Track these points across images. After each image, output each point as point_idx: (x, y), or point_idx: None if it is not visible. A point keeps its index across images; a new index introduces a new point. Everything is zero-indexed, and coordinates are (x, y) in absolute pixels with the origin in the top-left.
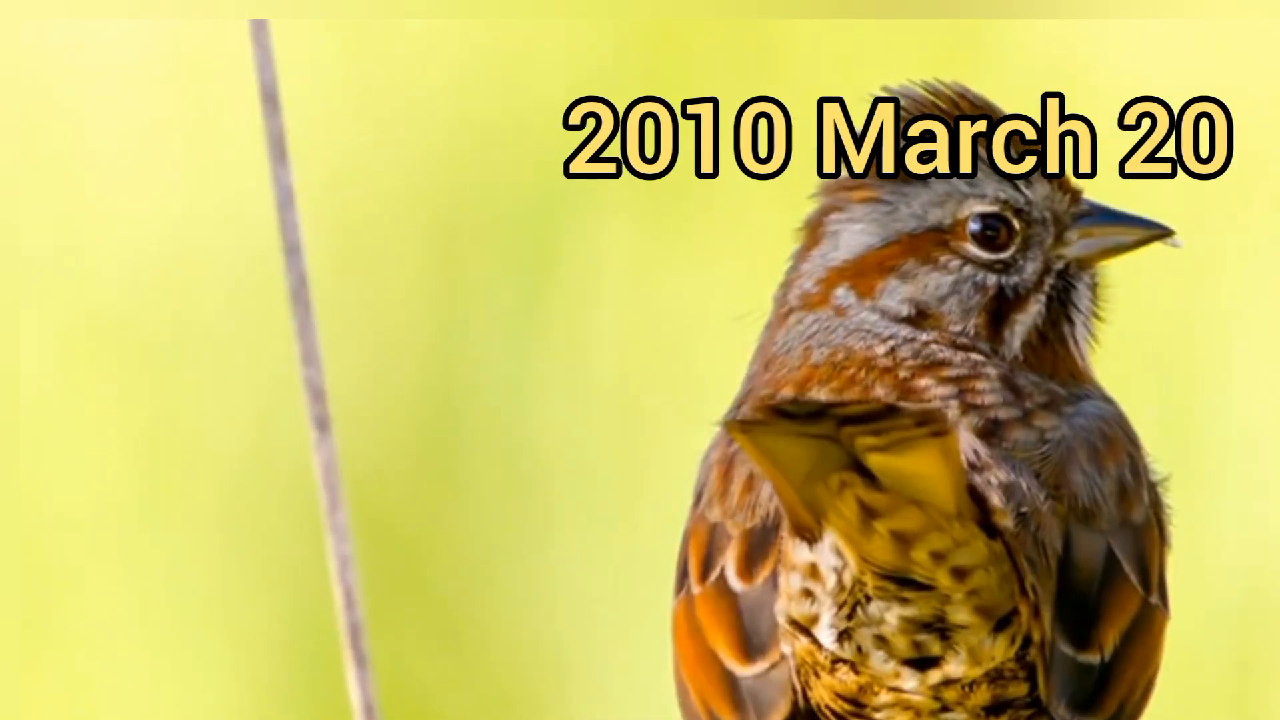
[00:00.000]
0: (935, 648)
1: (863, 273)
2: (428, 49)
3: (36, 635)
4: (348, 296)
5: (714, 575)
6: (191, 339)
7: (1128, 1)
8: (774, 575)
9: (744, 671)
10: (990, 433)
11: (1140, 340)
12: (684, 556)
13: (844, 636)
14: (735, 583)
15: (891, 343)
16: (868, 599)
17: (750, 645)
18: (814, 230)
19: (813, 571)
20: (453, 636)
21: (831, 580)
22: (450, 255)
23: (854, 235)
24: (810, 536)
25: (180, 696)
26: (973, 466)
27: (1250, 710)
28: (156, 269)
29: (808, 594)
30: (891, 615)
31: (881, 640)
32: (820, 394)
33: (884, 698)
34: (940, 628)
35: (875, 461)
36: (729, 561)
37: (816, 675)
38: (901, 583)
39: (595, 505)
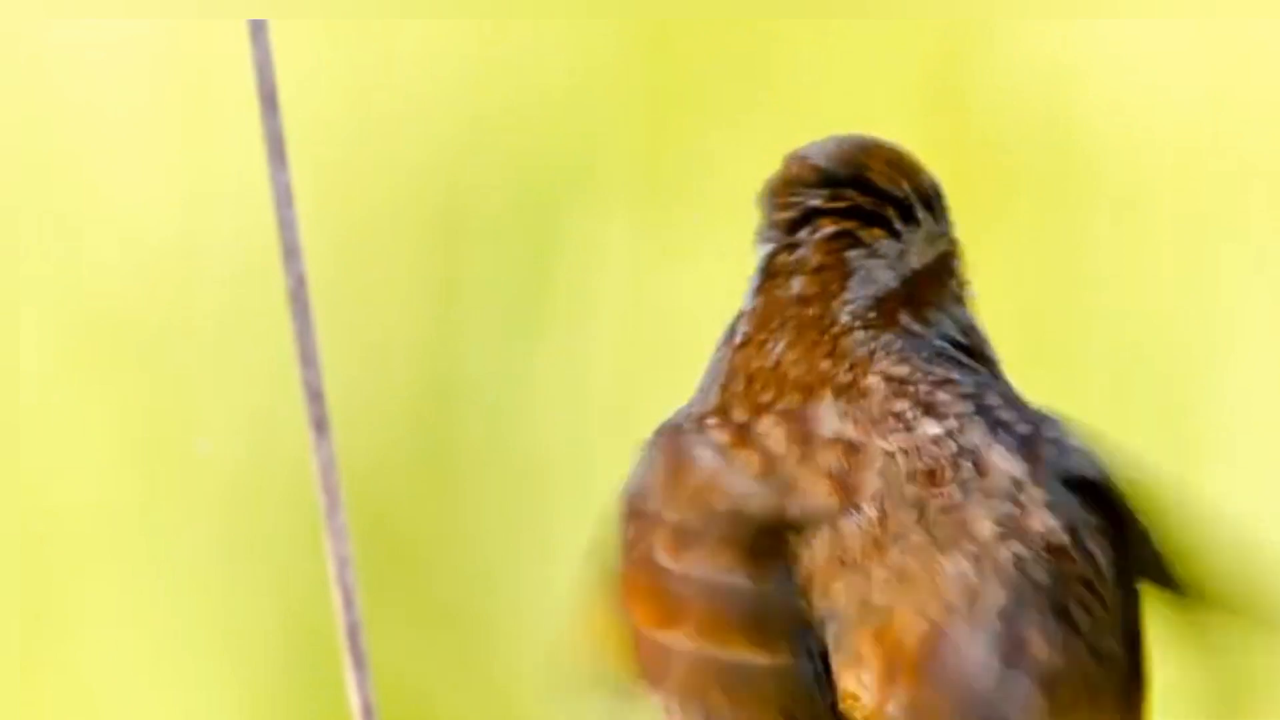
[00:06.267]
0: None
1: (914, 303)
2: (428, 49)
3: (35, 635)
4: (346, 297)
5: (636, 553)
6: (191, 339)
7: (1128, 1)
8: (807, 589)
9: (774, 663)
10: (1027, 451)
11: (1138, 340)
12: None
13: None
14: (664, 559)
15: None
16: None
17: (774, 643)
18: (840, 263)
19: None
20: (453, 636)
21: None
22: (450, 255)
23: (882, 269)
24: None
25: (178, 697)
26: (1016, 484)
27: (1249, 714)
28: (156, 269)
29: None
30: None
31: None
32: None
33: None
34: None
35: None
36: (657, 543)
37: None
38: None
39: (595, 506)
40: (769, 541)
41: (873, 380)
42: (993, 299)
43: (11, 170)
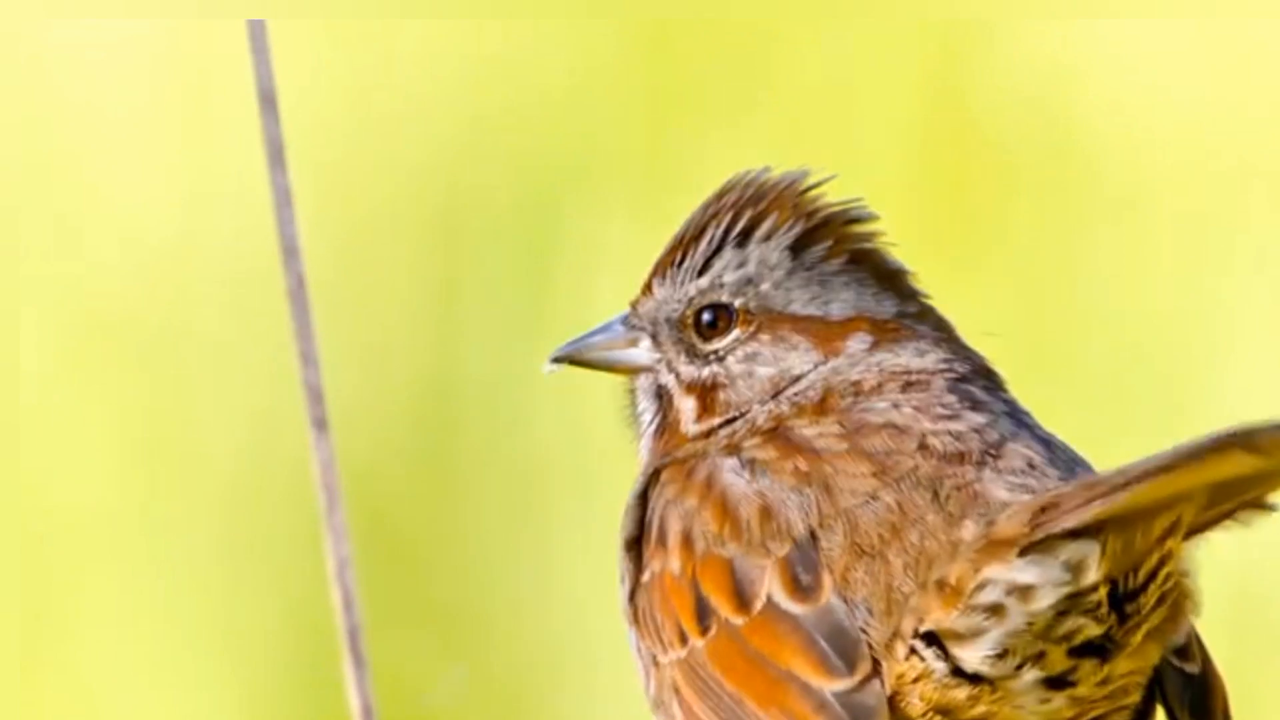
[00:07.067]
0: (1086, 668)
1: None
2: (428, 49)
3: (36, 635)
4: (346, 297)
5: (759, 604)
6: (191, 339)
7: (1128, 1)
8: (838, 592)
9: (834, 687)
10: (1045, 444)
11: (1138, 340)
12: (697, 596)
13: (1005, 654)
14: (790, 606)
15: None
16: (1062, 615)
17: (830, 663)
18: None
19: (1022, 590)
20: (452, 637)
21: (1047, 599)
22: (449, 255)
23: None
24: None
25: (179, 697)
26: (1031, 465)
27: (1245, 713)
28: (156, 269)
29: (995, 610)
30: (1082, 634)
31: (1040, 657)
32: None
33: (982, 709)
34: (1107, 647)
35: None
36: (775, 588)
37: (914, 683)
38: (1118, 602)
39: (593, 505)
40: (814, 554)
41: (936, 379)
42: (993, 299)
43: (11, 170)
